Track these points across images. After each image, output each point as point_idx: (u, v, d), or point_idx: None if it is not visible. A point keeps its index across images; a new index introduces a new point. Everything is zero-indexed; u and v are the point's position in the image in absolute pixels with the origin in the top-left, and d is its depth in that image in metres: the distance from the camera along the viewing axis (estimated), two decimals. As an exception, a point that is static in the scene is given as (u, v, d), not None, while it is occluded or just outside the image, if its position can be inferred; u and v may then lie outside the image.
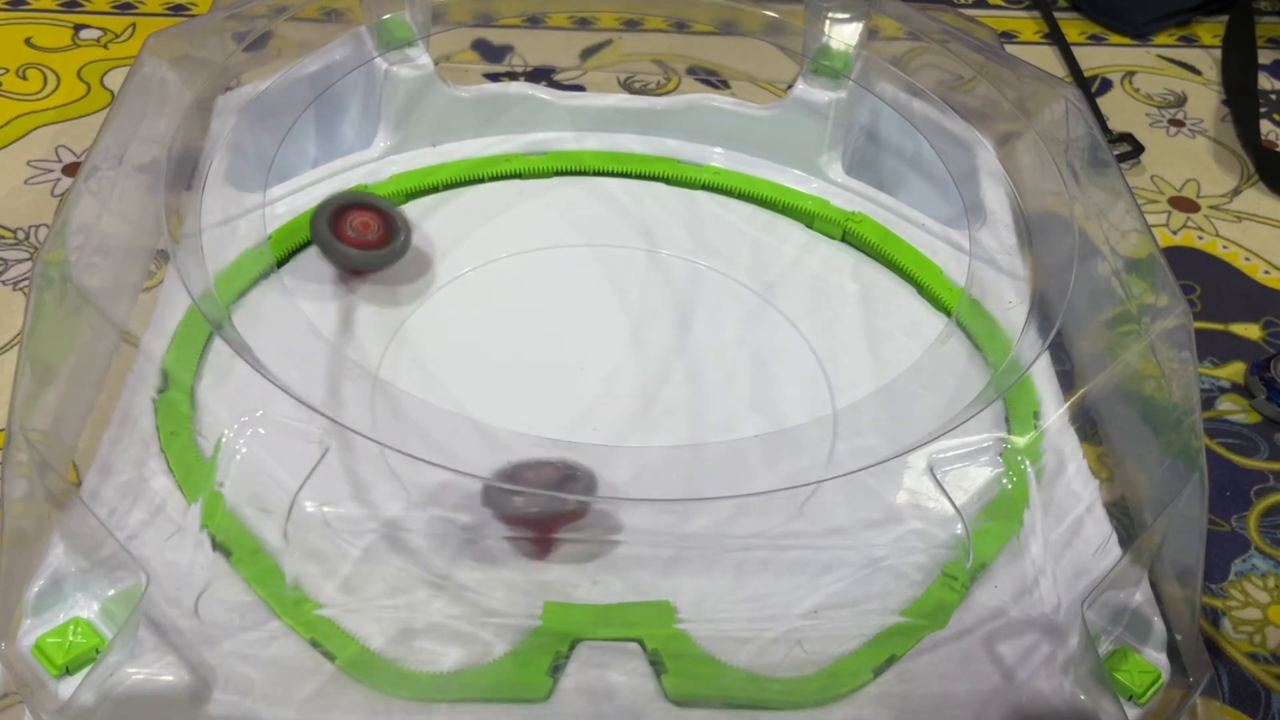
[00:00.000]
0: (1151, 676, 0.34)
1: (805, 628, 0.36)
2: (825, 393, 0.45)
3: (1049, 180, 0.47)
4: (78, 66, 0.66)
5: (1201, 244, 0.60)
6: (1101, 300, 0.44)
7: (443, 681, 0.34)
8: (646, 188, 0.54)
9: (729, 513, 0.39)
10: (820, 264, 0.51)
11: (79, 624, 0.32)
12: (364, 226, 0.44)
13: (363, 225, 0.44)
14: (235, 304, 0.44)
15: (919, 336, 0.47)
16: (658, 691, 0.34)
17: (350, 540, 0.37)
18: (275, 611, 0.35)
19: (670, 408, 0.44)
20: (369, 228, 0.44)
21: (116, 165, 0.42)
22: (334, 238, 0.44)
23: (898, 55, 0.54)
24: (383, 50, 0.52)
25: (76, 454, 0.39)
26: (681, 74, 0.69)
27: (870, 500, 0.40)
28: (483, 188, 0.54)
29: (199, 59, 0.48)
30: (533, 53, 0.70)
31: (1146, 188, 0.64)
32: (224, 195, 0.46)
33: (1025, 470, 0.40)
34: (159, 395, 0.40)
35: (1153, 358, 0.40)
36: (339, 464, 0.39)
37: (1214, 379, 0.52)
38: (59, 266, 0.38)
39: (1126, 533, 0.40)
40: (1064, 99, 0.49)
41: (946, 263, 0.50)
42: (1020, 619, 0.36)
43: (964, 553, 0.38)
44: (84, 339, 0.40)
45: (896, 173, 0.55)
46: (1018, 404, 0.43)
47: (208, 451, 0.38)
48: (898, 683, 0.34)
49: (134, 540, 0.36)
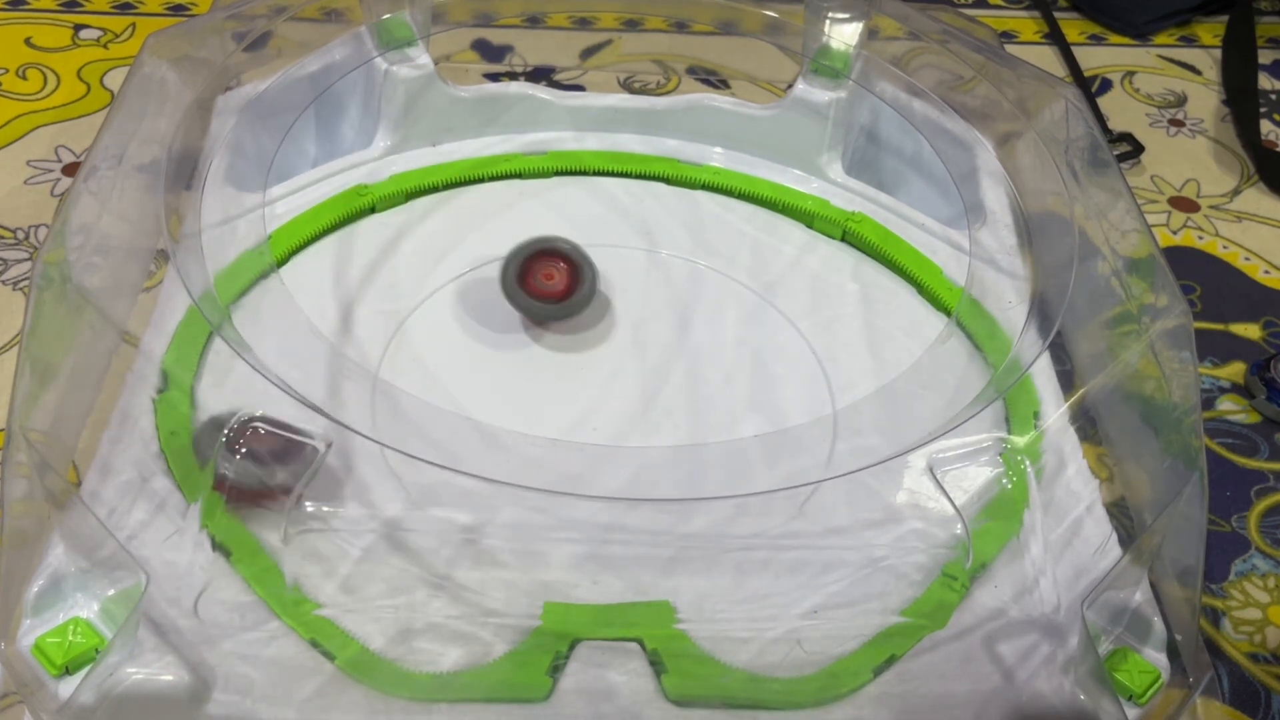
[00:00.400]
0: (1151, 676, 0.34)
1: (805, 628, 0.36)
2: (825, 392, 0.45)
3: (1049, 180, 0.47)
4: (78, 66, 0.66)
5: (1201, 244, 0.60)
6: (1101, 300, 0.44)
7: (442, 682, 0.34)
8: (646, 188, 0.54)
9: (729, 513, 0.39)
10: (820, 264, 0.51)
11: (79, 624, 0.32)
12: (547, 277, 0.44)
13: (546, 276, 0.44)
14: (235, 304, 0.44)
15: (919, 336, 0.47)
16: (657, 692, 0.34)
17: (350, 540, 0.37)
18: (275, 611, 0.34)
19: (670, 408, 0.44)
20: (552, 277, 0.45)
21: (116, 165, 0.42)
22: (520, 289, 0.44)
23: (898, 55, 0.54)
24: (383, 50, 0.52)
25: (76, 454, 0.39)
26: (681, 74, 0.69)
27: (870, 500, 0.40)
28: (483, 188, 0.53)
29: (199, 59, 0.48)
30: (533, 53, 0.70)
31: (1146, 188, 0.64)
32: (224, 195, 0.46)
33: (1025, 470, 0.40)
34: (159, 395, 0.40)
35: (1153, 358, 0.40)
36: (339, 464, 0.39)
37: (1214, 379, 0.52)
38: (59, 266, 0.38)
39: (1126, 533, 0.40)
40: (1064, 99, 0.49)
41: (946, 263, 0.50)
42: (1020, 619, 0.36)
43: (964, 553, 0.38)
44: (84, 339, 0.39)
45: (896, 173, 0.55)
46: (1018, 404, 0.43)
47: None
48: (898, 683, 0.34)
49: (134, 540, 0.36)
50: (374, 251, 0.49)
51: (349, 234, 0.50)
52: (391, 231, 0.50)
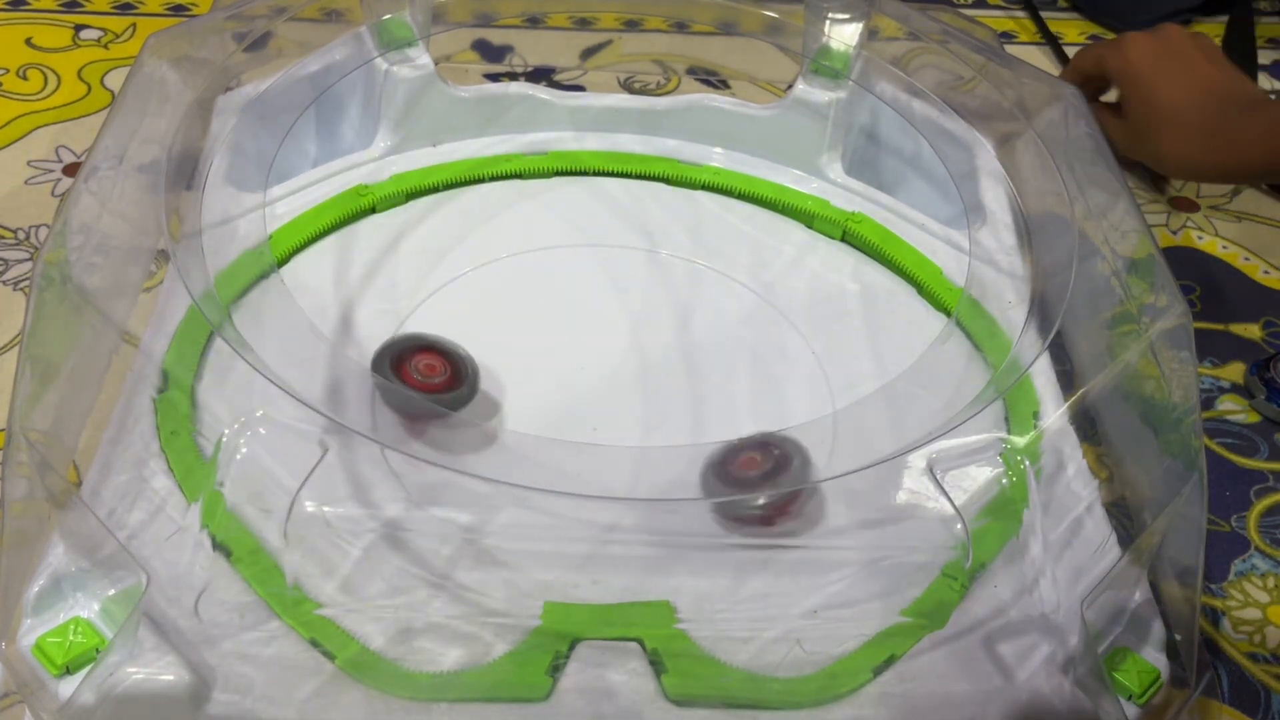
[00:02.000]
0: (1151, 676, 0.34)
1: (805, 627, 0.36)
2: (825, 392, 0.45)
3: (1049, 180, 0.47)
4: (78, 66, 0.66)
5: (1201, 244, 0.60)
6: (1101, 300, 0.44)
7: (442, 681, 0.34)
8: (646, 188, 0.54)
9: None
10: (820, 264, 0.51)
11: (79, 624, 0.32)
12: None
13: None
14: (235, 304, 0.44)
15: (919, 336, 0.47)
16: (657, 691, 0.34)
17: (350, 540, 0.37)
18: (275, 611, 0.35)
19: (670, 408, 0.44)
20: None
21: (117, 165, 0.42)
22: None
23: (898, 55, 0.54)
24: (383, 50, 0.52)
25: (76, 454, 0.39)
26: (681, 74, 0.69)
27: (870, 500, 0.40)
28: (483, 188, 0.54)
29: (199, 59, 0.48)
30: (533, 53, 0.70)
31: (1146, 188, 0.64)
32: (224, 195, 0.46)
33: (1025, 470, 0.40)
34: (159, 395, 0.40)
35: (1152, 358, 0.40)
36: (339, 464, 0.39)
37: (1214, 379, 0.52)
38: (59, 266, 0.38)
39: (1126, 533, 0.40)
40: (1064, 99, 0.50)
41: (946, 263, 0.50)
42: (1020, 619, 0.36)
43: (964, 552, 0.38)
44: (84, 339, 0.40)
45: (896, 173, 0.55)
46: (1017, 404, 0.43)
47: (208, 451, 0.38)
48: (897, 682, 0.34)
49: (134, 540, 0.36)
50: (374, 251, 0.49)
51: (349, 234, 0.50)
52: (392, 231, 0.51)
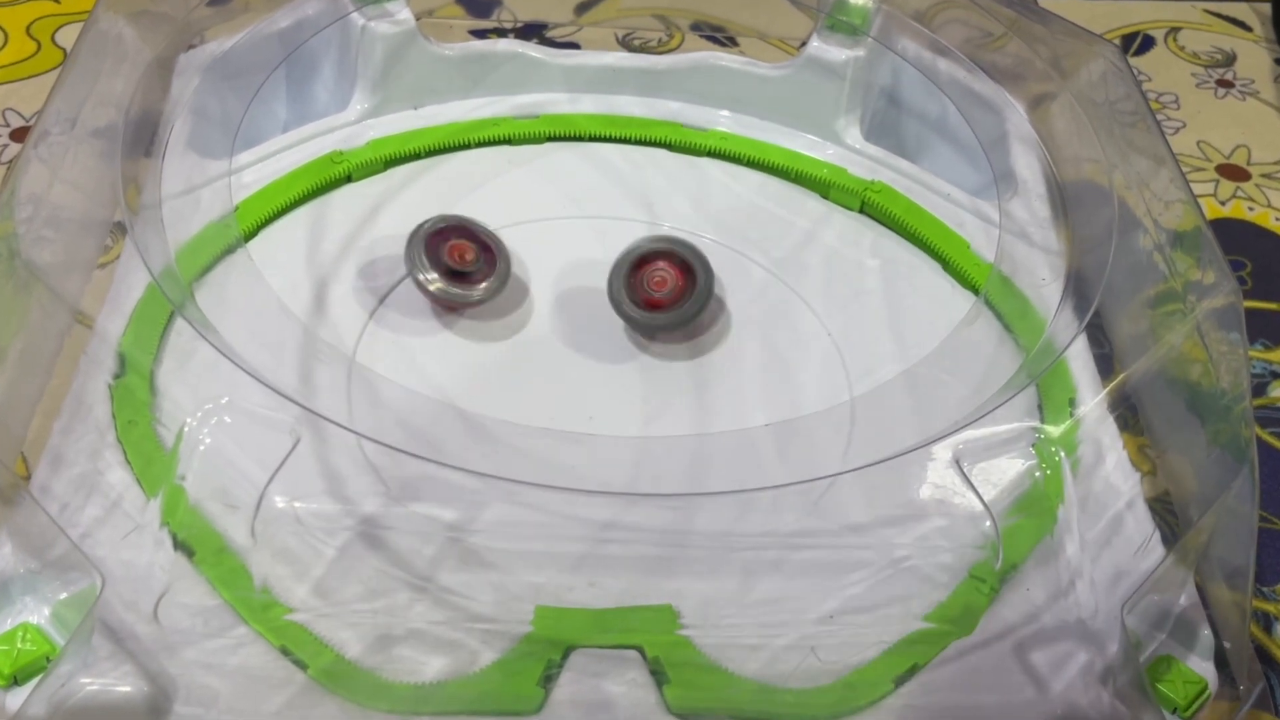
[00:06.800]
0: (1197, 687, 0.34)
1: (820, 634, 0.36)
2: (842, 378, 0.45)
3: (1086, 146, 0.47)
4: (26, 22, 0.66)
5: (1252, 215, 0.60)
6: (1143, 277, 0.43)
7: (425, 693, 0.34)
8: (647, 154, 0.54)
9: (737, 509, 0.39)
10: (837, 238, 0.51)
11: (28, 630, 0.32)
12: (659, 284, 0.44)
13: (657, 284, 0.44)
14: (198, 281, 0.44)
15: (944, 316, 0.47)
16: (659, 704, 0.34)
17: (324, 539, 0.37)
18: (242, 616, 0.34)
19: (673, 394, 0.44)
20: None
21: (69, 130, 0.42)
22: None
23: (921, 10, 0.53)
24: (359, 4, 0.52)
25: (25, 444, 0.39)
26: (685, 30, 0.69)
27: (891, 495, 0.40)
28: (469, 154, 0.53)
29: (159, 14, 0.48)
30: (523, 7, 0.70)
31: (1192, 154, 0.64)
32: (186, 162, 0.46)
33: (1060, 462, 0.40)
34: (115, 380, 0.40)
35: (1199, 340, 0.40)
36: (312, 455, 0.39)
37: (1266, 363, 0.52)
38: (6, 240, 0.38)
39: (1170, 531, 0.40)
40: (1103, 57, 0.49)
41: (974, 236, 0.50)
42: (1054, 624, 0.36)
43: (993, 552, 0.38)
44: (33, 319, 0.39)
45: (920, 138, 0.55)
46: (1052, 390, 0.43)
47: (168, 442, 0.38)
48: (921, 694, 0.34)
49: (88, 539, 0.36)
50: (350, 224, 0.49)
51: (323, 205, 0.50)
52: (369, 202, 0.50)
